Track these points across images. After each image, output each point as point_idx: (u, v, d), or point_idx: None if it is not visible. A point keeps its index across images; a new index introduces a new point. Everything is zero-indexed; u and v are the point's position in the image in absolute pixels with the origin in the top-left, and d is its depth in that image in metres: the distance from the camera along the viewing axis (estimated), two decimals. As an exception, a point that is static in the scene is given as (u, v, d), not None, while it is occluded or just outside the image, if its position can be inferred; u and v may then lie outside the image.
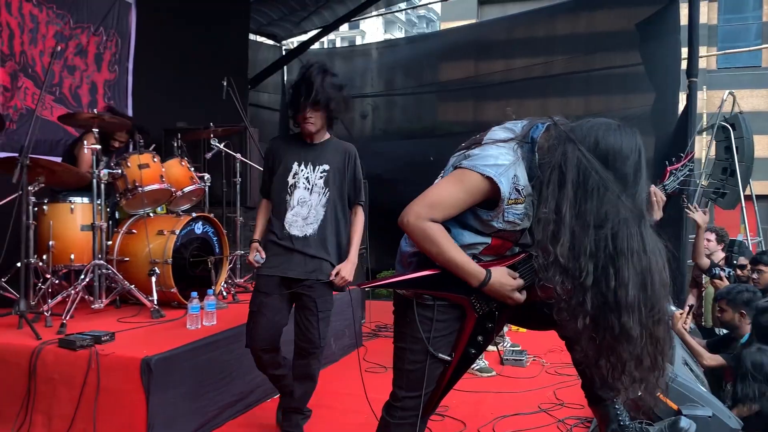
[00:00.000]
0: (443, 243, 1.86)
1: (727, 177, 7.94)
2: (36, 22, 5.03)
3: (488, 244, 1.94)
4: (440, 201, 1.86)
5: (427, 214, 1.84)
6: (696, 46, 6.45)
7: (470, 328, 1.95)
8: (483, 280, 1.88)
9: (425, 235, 1.85)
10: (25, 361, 3.09)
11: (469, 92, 8.81)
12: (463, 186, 1.85)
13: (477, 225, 1.92)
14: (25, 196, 3.62)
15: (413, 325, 1.96)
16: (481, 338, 1.98)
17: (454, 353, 1.96)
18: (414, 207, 1.86)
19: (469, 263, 1.88)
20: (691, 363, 3.51)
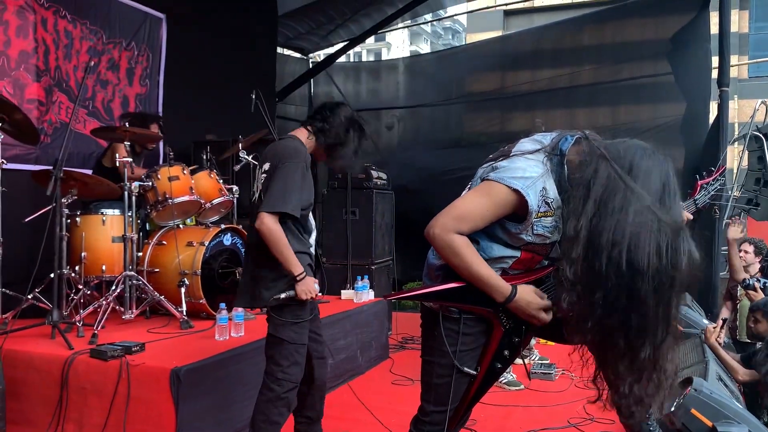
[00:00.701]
0: (468, 256, 1.84)
1: (760, 187, 7.78)
2: (70, 38, 5.15)
3: (518, 258, 1.92)
4: (467, 213, 1.84)
5: (453, 227, 1.83)
6: (727, 55, 6.36)
7: (496, 342, 1.93)
8: (508, 297, 1.86)
9: (451, 248, 1.83)
10: (57, 371, 3.15)
11: (495, 103, 8.79)
12: (490, 199, 1.82)
13: (506, 238, 1.89)
14: (58, 208, 3.70)
15: (440, 339, 1.94)
16: (508, 352, 1.96)
17: (479, 367, 1.94)
18: (440, 219, 1.84)
19: (494, 278, 1.86)
20: (725, 378, 3.43)
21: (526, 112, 8.56)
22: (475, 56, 9.73)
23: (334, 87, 10.00)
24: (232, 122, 5.57)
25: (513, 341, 1.96)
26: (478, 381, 1.95)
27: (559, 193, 1.82)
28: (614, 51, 7.92)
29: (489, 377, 1.98)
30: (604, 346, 1.74)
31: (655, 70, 7.54)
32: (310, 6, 8.64)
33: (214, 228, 4.30)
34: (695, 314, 4.70)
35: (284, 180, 2.67)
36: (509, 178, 1.80)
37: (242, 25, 7.18)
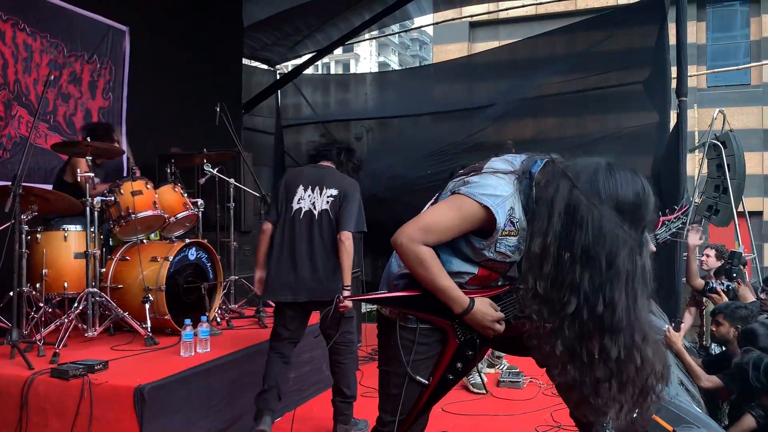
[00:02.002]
0: (434, 268, 1.87)
1: (719, 194, 7.99)
2: (30, 51, 5.06)
3: (475, 275, 1.95)
4: (435, 225, 1.87)
5: (420, 238, 1.86)
6: (684, 65, 6.53)
7: (450, 353, 1.97)
8: (466, 308, 1.90)
9: (417, 259, 1.86)
10: (17, 391, 3.07)
11: (462, 114, 8.88)
12: (459, 213, 1.86)
13: (468, 252, 1.93)
14: (17, 224, 3.61)
15: (396, 348, 1.97)
16: (461, 365, 1.99)
17: (432, 377, 1.97)
18: (407, 229, 1.87)
19: (454, 290, 1.90)
20: (687, 383, 3.50)
21: (493, 123, 8.66)
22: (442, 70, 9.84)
23: (302, 98, 10.00)
24: (197, 135, 5.52)
25: (467, 354, 1.99)
26: (429, 390, 1.98)
27: (525, 215, 1.86)
28: (581, 62, 8.07)
29: (440, 388, 2.01)
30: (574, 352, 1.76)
31: (621, 80, 7.71)
32: (276, 17, 8.63)
33: (178, 243, 4.25)
34: (659, 320, 4.79)
35: (360, 207, 3.48)
36: (480, 194, 1.84)
37: (207, 36, 7.13)
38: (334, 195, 3.46)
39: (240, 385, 3.59)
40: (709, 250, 5.82)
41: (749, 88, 15.92)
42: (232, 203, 5.03)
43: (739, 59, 15.82)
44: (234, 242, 5.05)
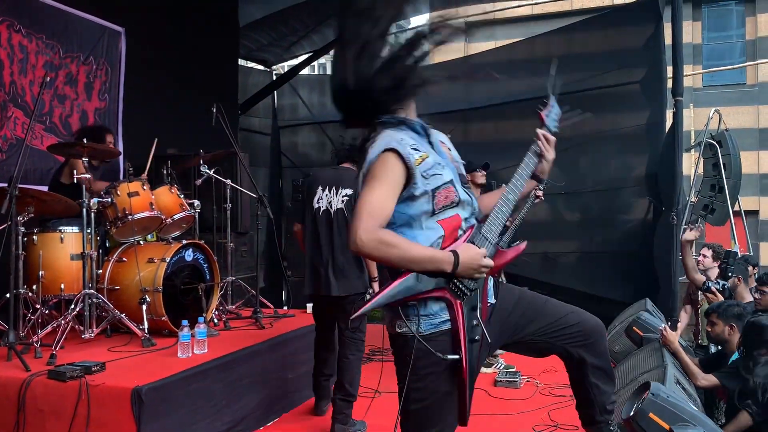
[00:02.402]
0: (404, 242, 1.86)
1: (715, 193, 8.02)
2: (26, 53, 5.05)
3: (443, 235, 1.93)
4: (375, 204, 1.86)
5: (372, 225, 1.83)
6: (680, 65, 6.54)
7: (461, 316, 1.91)
8: (455, 261, 1.86)
9: (384, 243, 1.83)
10: (14, 393, 3.07)
11: (458, 114, 8.91)
12: (378, 177, 1.88)
13: (419, 207, 1.92)
14: (14, 226, 3.61)
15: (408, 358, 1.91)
16: (476, 321, 1.94)
17: (460, 350, 1.90)
18: (358, 225, 1.83)
19: (435, 251, 1.89)
20: (683, 382, 3.51)
21: (490, 121, 8.68)
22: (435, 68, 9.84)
23: (299, 99, 10.00)
24: (193, 136, 5.52)
25: (475, 307, 1.94)
26: (465, 362, 1.90)
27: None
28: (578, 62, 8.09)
29: (472, 357, 1.93)
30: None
31: (616, 80, 7.73)
32: (272, 17, 8.63)
33: (175, 244, 4.25)
34: (655, 319, 4.80)
35: None
36: (375, 151, 1.91)
37: (203, 37, 7.12)
38: (350, 195, 3.70)
39: (239, 387, 3.60)
40: (705, 250, 5.82)
41: (745, 87, 15.97)
42: (228, 204, 5.03)
43: (734, 59, 15.87)
44: (231, 243, 5.05)
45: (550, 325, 2.15)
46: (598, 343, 2.20)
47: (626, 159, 7.86)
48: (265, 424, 3.81)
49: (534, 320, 2.14)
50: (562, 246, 8.28)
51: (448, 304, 1.91)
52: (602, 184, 7.90)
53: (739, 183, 8.18)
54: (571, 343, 2.16)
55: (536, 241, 8.25)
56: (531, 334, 2.14)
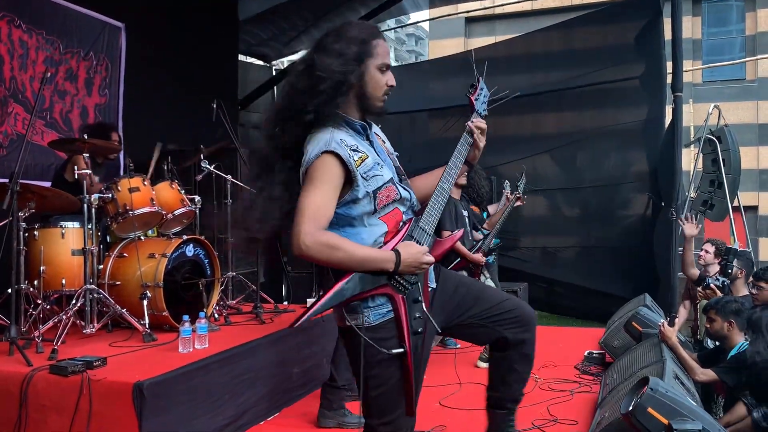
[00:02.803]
0: (347, 245, 1.89)
1: (714, 189, 8.02)
2: (26, 48, 5.05)
3: (387, 231, 1.99)
4: (315, 206, 1.87)
5: (316, 227, 1.86)
6: (680, 61, 6.55)
7: (404, 309, 1.96)
8: (397, 260, 1.91)
9: (328, 245, 1.86)
10: (16, 388, 3.08)
11: (459, 109, 8.90)
12: (318, 179, 1.89)
13: (361, 208, 1.96)
14: (15, 221, 3.62)
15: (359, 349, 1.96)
16: (418, 314, 2.00)
17: (403, 342, 1.96)
18: (301, 229, 1.85)
19: (378, 252, 1.93)
20: (682, 377, 3.53)
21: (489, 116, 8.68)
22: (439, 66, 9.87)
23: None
24: (193, 131, 5.53)
25: (417, 300, 2.00)
26: (409, 357, 1.96)
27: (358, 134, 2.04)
28: (577, 58, 8.10)
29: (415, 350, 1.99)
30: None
31: (615, 75, 7.74)
32: (271, 11, 8.62)
33: (176, 239, 4.26)
34: (654, 315, 4.82)
35: None
36: (313, 153, 1.90)
37: (203, 32, 7.12)
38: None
39: (240, 381, 3.61)
40: (708, 246, 5.79)
41: (744, 83, 15.98)
42: (229, 200, 5.04)
43: (734, 54, 15.88)
44: (231, 239, 5.06)
45: (488, 309, 2.21)
46: (530, 331, 2.27)
47: (625, 155, 7.88)
48: (266, 418, 3.82)
49: (474, 305, 2.20)
50: (562, 241, 8.31)
51: (391, 299, 1.96)
52: (601, 180, 7.92)
53: (738, 178, 8.19)
54: (508, 327, 2.22)
55: (535, 236, 8.28)
56: (471, 317, 2.20)
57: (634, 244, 7.45)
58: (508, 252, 7.85)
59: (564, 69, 8.11)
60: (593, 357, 5.15)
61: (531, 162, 8.23)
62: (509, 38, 9.52)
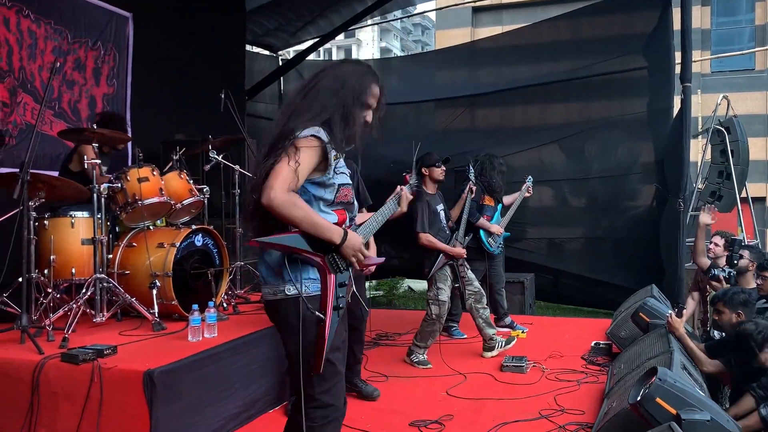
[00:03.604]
0: (307, 207, 2.13)
1: (723, 180, 8.00)
2: (34, 38, 5.06)
3: (336, 221, 2.23)
4: (291, 172, 2.09)
5: (285, 187, 2.07)
6: (689, 51, 6.50)
7: (332, 286, 2.17)
8: (343, 237, 2.17)
9: (292, 202, 2.08)
10: (27, 376, 3.11)
11: (465, 100, 8.89)
12: (301, 151, 2.11)
13: (324, 193, 2.22)
14: (26, 211, 3.64)
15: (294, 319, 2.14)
16: (342, 295, 2.21)
17: (324, 313, 2.15)
18: (273, 184, 2.06)
19: (330, 224, 2.18)
20: (690, 368, 3.53)
21: (496, 107, 8.67)
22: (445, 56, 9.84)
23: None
24: (201, 121, 5.54)
25: (343, 285, 2.22)
26: (327, 325, 2.14)
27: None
28: (585, 48, 8.05)
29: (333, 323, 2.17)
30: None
31: (623, 65, 7.69)
32: (278, 2, 8.61)
33: (185, 229, 4.28)
34: (661, 305, 4.81)
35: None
36: (308, 132, 2.14)
37: (210, 22, 7.12)
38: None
39: (249, 370, 3.63)
40: (718, 239, 5.77)
41: (754, 73, 15.87)
42: (237, 190, 5.05)
43: (743, 44, 15.76)
44: (239, 228, 5.08)
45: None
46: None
47: (633, 145, 7.84)
48: (275, 407, 3.85)
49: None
50: (568, 232, 8.30)
51: (321, 272, 2.18)
52: (609, 171, 7.89)
53: (746, 169, 8.16)
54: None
55: (542, 227, 8.27)
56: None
57: (641, 234, 7.43)
58: (515, 243, 7.85)
59: (571, 59, 8.07)
60: (600, 347, 5.16)
61: (538, 153, 8.22)
62: (516, 28, 9.45)
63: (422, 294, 9.35)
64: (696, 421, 2.45)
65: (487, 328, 5.00)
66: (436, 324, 4.77)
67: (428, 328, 4.79)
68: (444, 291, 4.77)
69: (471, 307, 4.96)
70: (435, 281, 4.78)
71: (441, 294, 4.76)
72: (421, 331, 4.82)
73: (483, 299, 5.00)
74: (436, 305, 4.76)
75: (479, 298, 4.97)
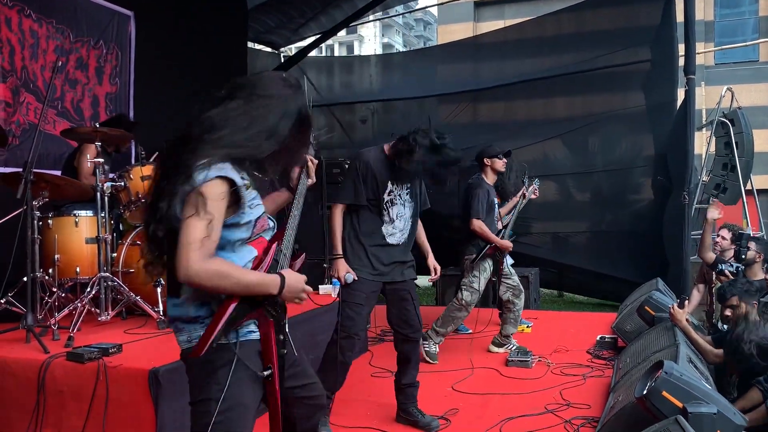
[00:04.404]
0: (235, 271, 1.83)
1: (727, 172, 7.98)
2: (36, 38, 5.07)
3: (256, 256, 1.95)
4: (204, 233, 1.77)
5: (203, 254, 1.77)
6: (692, 43, 6.48)
7: (273, 332, 1.94)
8: (281, 284, 1.89)
9: (218, 273, 1.78)
10: (33, 375, 3.11)
11: (467, 95, 8.88)
12: (208, 203, 1.79)
13: (240, 234, 1.91)
14: (29, 210, 3.65)
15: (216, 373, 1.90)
16: (282, 336, 1.98)
17: (270, 365, 1.93)
18: (188, 256, 1.75)
19: (265, 276, 1.90)
20: (695, 360, 3.52)
21: (499, 101, 8.65)
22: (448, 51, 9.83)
23: (307, 81, 9.99)
24: (204, 119, 5.52)
25: (281, 324, 1.98)
26: (276, 377, 1.94)
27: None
28: (588, 41, 8.03)
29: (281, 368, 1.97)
30: None
31: (627, 58, 7.67)
32: (279, -1, 8.60)
33: (188, 227, 4.27)
34: (666, 298, 4.80)
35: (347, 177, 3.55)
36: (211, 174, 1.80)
37: (211, 20, 7.11)
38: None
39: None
40: (725, 232, 5.74)
41: (757, 64, 15.80)
42: (240, 187, 5.04)
43: (747, 35, 15.69)
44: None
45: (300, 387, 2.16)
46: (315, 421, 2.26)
47: (637, 138, 7.83)
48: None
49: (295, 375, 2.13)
50: (573, 226, 8.29)
51: (261, 323, 1.93)
52: (613, 164, 7.88)
53: (751, 161, 8.13)
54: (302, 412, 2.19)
55: (547, 222, 8.26)
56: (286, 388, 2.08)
57: (645, 228, 7.42)
58: (520, 238, 7.83)
59: (575, 52, 8.05)
60: (605, 341, 5.15)
61: (542, 147, 8.21)
62: (519, 22, 9.42)
63: (427, 290, 9.34)
64: (703, 414, 2.45)
65: (511, 326, 5.01)
66: (462, 311, 4.82)
67: (454, 313, 4.84)
68: (479, 280, 4.80)
69: (508, 300, 4.97)
70: (473, 269, 4.81)
71: (475, 282, 4.79)
72: (444, 316, 4.87)
73: (521, 295, 5.03)
74: (469, 292, 4.80)
75: (518, 294, 5.00)
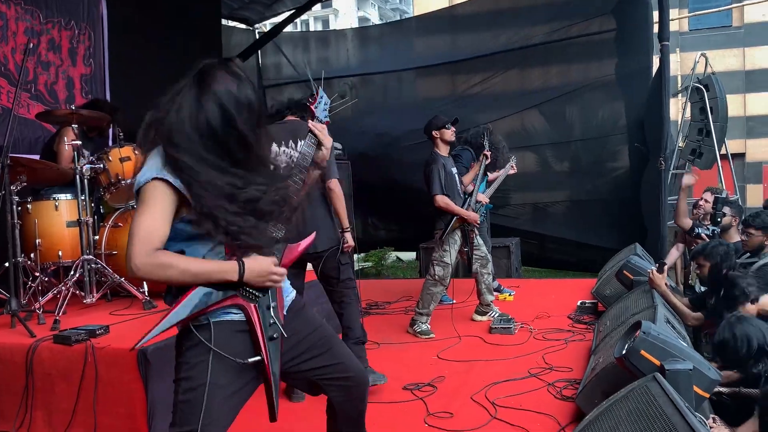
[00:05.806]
0: (181, 262, 1.82)
1: (703, 137, 8.07)
2: (5, 19, 4.97)
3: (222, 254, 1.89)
4: (146, 229, 1.79)
5: (148, 248, 1.78)
6: (666, 10, 6.50)
7: (258, 318, 1.91)
8: (240, 270, 1.85)
9: (161, 265, 1.79)
10: (21, 359, 3.13)
11: (446, 68, 8.87)
12: (148, 203, 1.80)
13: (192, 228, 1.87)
14: (8, 195, 3.62)
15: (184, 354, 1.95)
16: (272, 320, 1.95)
17: (261, 351, 1.91)
18: (133, 250, 1.77)
19: (218, 264, 1.86)
20: (673, 321, 3.62)
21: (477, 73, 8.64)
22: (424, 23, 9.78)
23: (283, 57, 9.89)
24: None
25: (270, 306, 1.95)
26: (267, 362, 1.92)
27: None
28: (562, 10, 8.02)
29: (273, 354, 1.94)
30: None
31: (602, 26, 7.70)
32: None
33: (170, 207, 4.26)
34: (644, 263, 4.90)
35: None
36: (146, 177, 1.81)
37: (184, -3, 7.01)
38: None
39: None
40: (708, 195, 5.81)
41: (731, 30, 15.90)
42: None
43: (720, 1, 15.75)
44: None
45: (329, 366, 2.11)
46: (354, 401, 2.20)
47: (613, 106, 7.88)
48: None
49: (319, 355, 2.10)
50: (552, 196, 8.36)
51: (242, 309, 1.90)
52: (590, 133, 7.94)
53: (725, 126, 8.23)
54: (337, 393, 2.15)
55: (526, 193, 8.33)
56: (308, 370, 2.10)
57: (623, 195, 7.52)
58: (499, 210, 7.90)
59: (549, 22, 8.05)
60: (586, 306, 5.26)
61: (519, 118, 8.24)
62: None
63: (410, 264, 9.41)
64: (679, 371, 2.52)
65: (487, 294, 5.09)
66: (438, 285, 4.83)
67: (430, 289, 4.84)
68: (450, 253, 4.81)
69: (476, 272, 5.03)
70: (443, 243, 4.82)
71: (446, 256, 4.81)
72: (422, 295, 4.88)
73: (488, 265, 5.08)
74: (441, 266, 4.82)
75: (485, 264, 5.05)
